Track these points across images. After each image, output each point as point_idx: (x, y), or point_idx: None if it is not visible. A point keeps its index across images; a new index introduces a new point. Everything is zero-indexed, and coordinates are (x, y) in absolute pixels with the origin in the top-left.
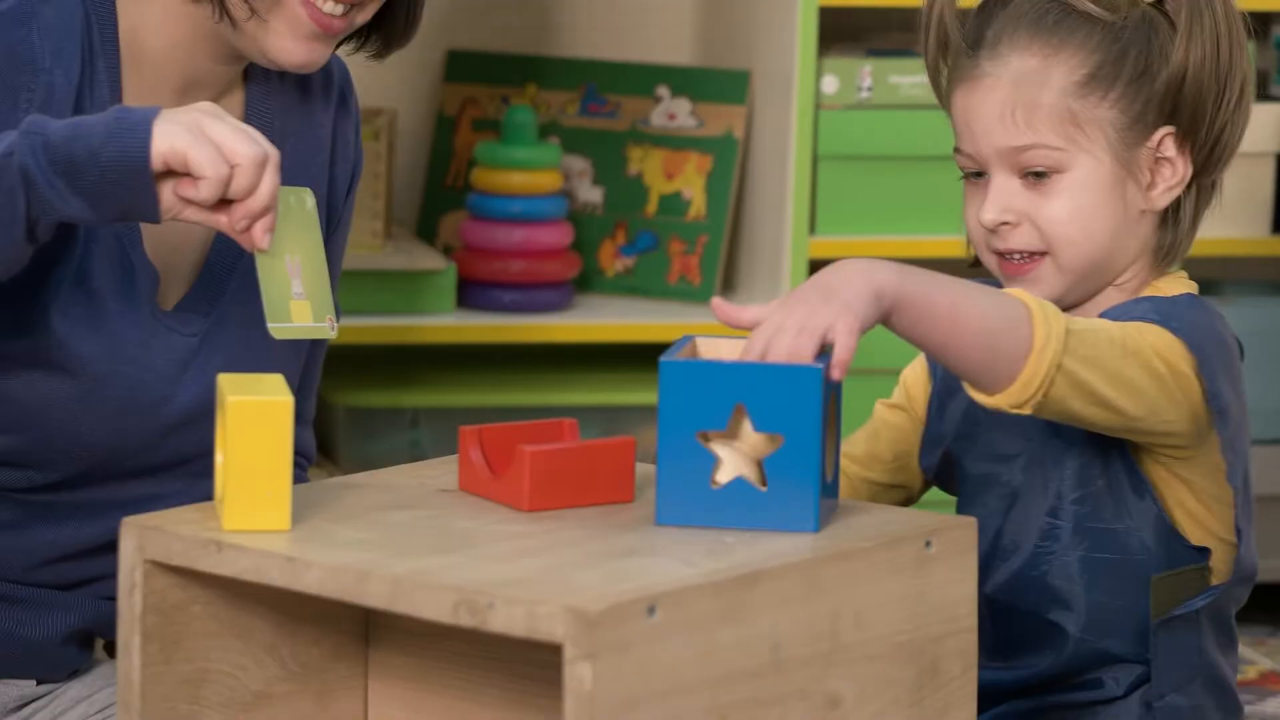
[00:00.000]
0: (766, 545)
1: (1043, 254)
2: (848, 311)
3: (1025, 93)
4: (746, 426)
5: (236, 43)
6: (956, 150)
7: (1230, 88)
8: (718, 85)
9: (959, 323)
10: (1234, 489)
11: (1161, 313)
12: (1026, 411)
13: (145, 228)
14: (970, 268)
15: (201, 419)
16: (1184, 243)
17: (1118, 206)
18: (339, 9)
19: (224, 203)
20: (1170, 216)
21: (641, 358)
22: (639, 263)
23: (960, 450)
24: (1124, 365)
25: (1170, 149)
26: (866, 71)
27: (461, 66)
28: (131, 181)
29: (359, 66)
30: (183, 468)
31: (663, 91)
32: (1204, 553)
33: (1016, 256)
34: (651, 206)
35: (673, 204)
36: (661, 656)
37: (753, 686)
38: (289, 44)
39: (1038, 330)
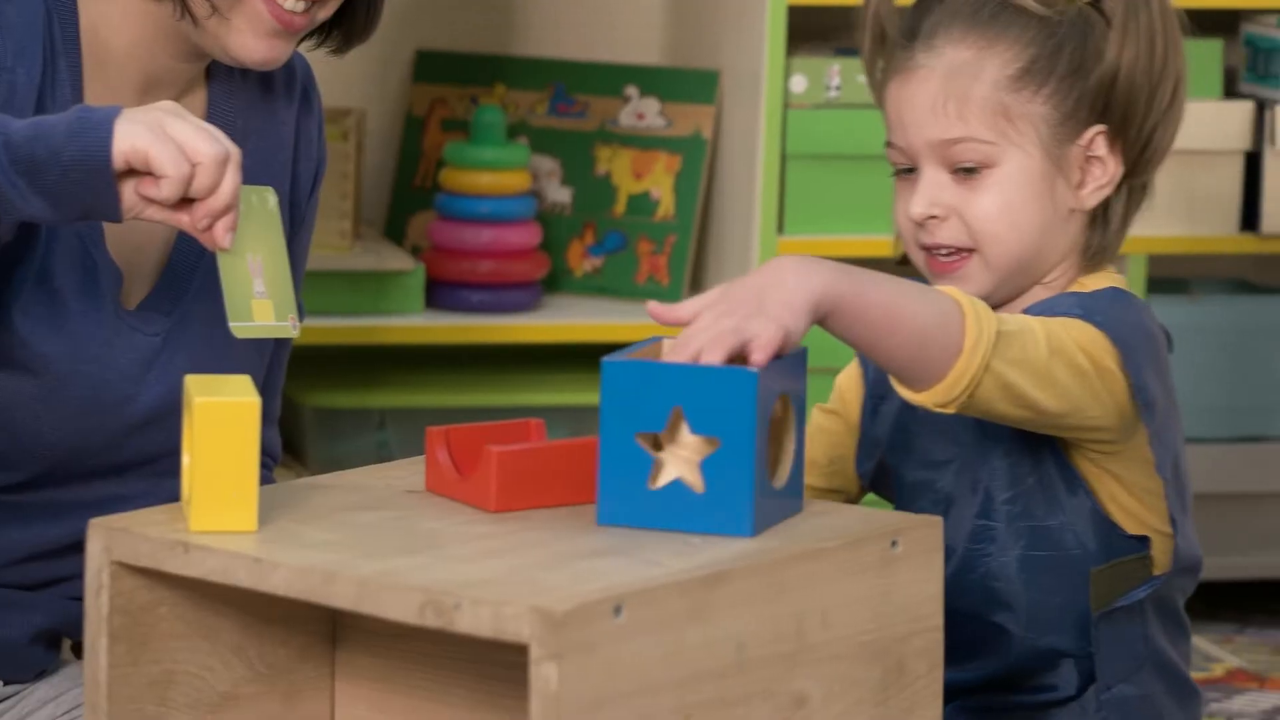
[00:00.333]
0: (732, 546)
1: (970, 251)
2: (775, 325)
3: (958, 85)
4: (684, 428)
5: (198, 40)
6: (888, 144)
7: (1163, 88)
8: (686, 85)
9: (894, 322)
10: (1164, 480)
11: (1084, 307)
12: (950, 410)
13: (108, 227)
14: (898, 265)
15: (165, 418)
16: (1113, 243)
17: (1046, 204)
18: (300, 5)
19: (186, 201)
20: (1100, 217)
21: None
22: (607, 263)
23: (895, 459)
24: (1051, 365)
25: (1101, 148)
26: (835, 71)
27: (430, 67)
28: (93, 181)
29: (326, 66)
30: (147, 467)
31: (631, 91)
32: (1143, 542)
33: (943, 253)
34: (620, 206)
35: (641, 204)
36: (627, 657)
37: (719, 686)
38: (250, 41)
39: (969, 330)
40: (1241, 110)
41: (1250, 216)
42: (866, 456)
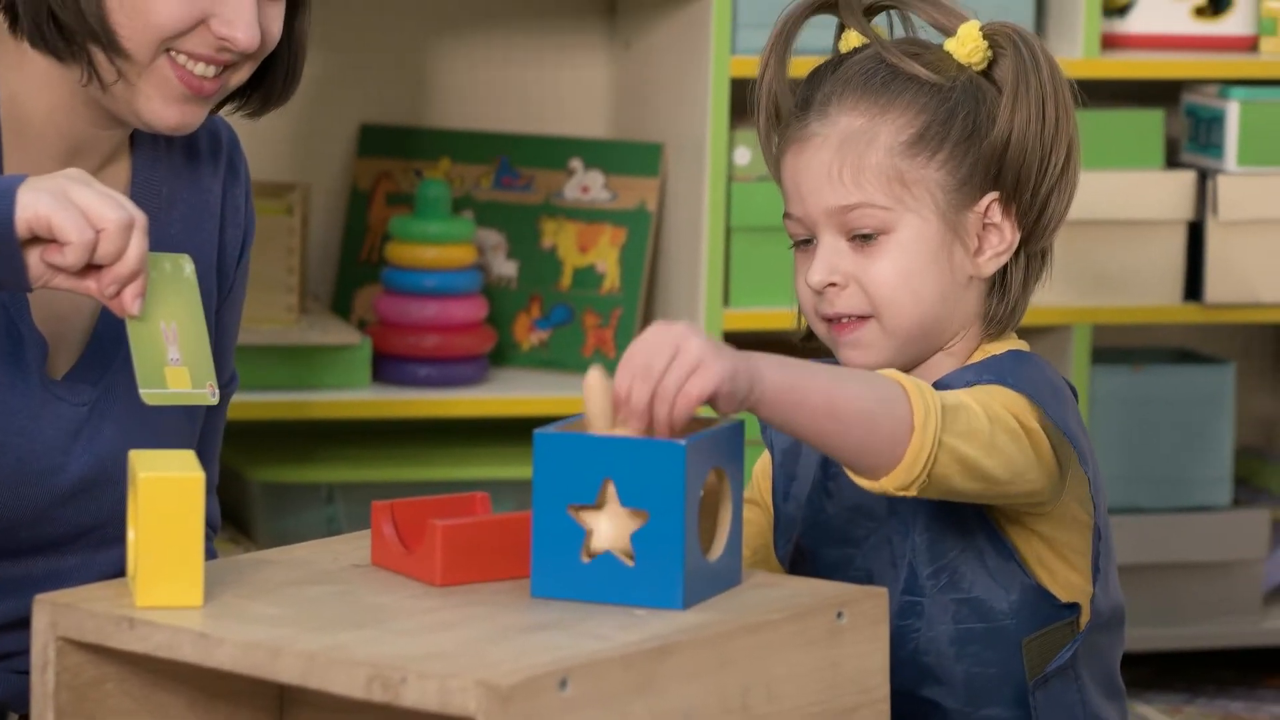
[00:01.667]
0: (677, 618)
1: (869, 317)
2: (712, 359)
3: (853, 151)
4: (615, 501)
5: (109, 106)
6: (786, 215)
7: (1055, 154)
8: (630, 158)
9: (836, 408)
10: (1099, 527)
11: (994, 372)
12: (912, 493)
13: (33, 297)
14: (801, 342)
15: (95, 488)
16: (1016, 311)
17: (945, 270)
18: (211, 70)
19: (95, 268)
20: (999, 284)
21: None
22: (554, 336)
23: (811, 540)
24: (994, 433)
25: (997, 214)
26: None
27: (375, 140)
28: None
29: (271, 142)
30: (82, 539)
31: (576, 164)
32: (1073, 609)
33: (844, 319)
34: (566, 280)
35: (587, 277)
36: None
37: None
38: (160, 107)
39: (916, 409)
40: (1183, 180)
41: (1193, 286)
42: (783, 539)
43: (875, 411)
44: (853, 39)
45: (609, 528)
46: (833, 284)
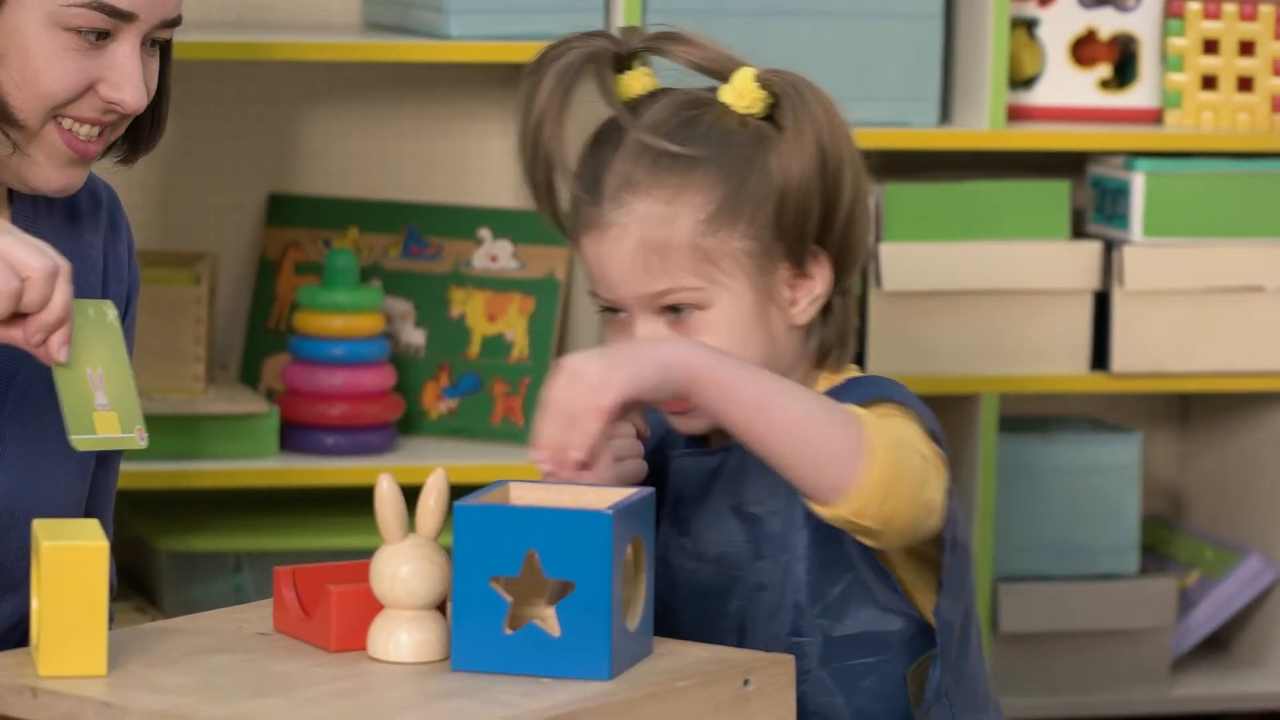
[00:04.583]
0: (584, 687)
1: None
2: (609, 390)
3: (656, 238)
4: (539, 571)
5: None
6: (592, 293)
7: (842, 183)
8: (539, 227)
9: (770, 409)
10: (955, 538)
11: (868, 392)
12: (867, 523)
13: None
14: None
15: None
16: (848, 340)
17: (763, 333)
18: (95, 131)
19: (19, 317)
20: (819, 321)
21: None
22: (462, 404)
23: (675, 601)
24: (925, 470)
25: (809, 264)
26: None
27: (283, 210)
28: None
29: (178, 211)
30: None
31: (484, 234)
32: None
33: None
34: (474, 348)
35: (495, 346)
36: None
37: None
38: (48, 172)
39: (869, 434)
40: (1090, 250)
41: (1100, 356)
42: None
43: (821, 424)
44: (635, 84)
45: (534, 599)
46: None
